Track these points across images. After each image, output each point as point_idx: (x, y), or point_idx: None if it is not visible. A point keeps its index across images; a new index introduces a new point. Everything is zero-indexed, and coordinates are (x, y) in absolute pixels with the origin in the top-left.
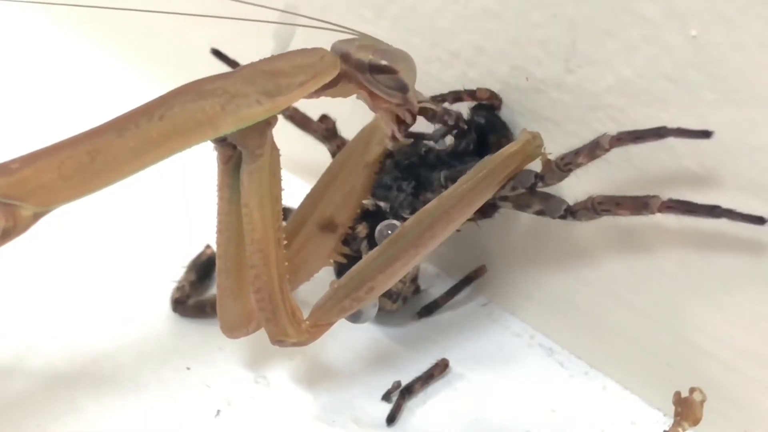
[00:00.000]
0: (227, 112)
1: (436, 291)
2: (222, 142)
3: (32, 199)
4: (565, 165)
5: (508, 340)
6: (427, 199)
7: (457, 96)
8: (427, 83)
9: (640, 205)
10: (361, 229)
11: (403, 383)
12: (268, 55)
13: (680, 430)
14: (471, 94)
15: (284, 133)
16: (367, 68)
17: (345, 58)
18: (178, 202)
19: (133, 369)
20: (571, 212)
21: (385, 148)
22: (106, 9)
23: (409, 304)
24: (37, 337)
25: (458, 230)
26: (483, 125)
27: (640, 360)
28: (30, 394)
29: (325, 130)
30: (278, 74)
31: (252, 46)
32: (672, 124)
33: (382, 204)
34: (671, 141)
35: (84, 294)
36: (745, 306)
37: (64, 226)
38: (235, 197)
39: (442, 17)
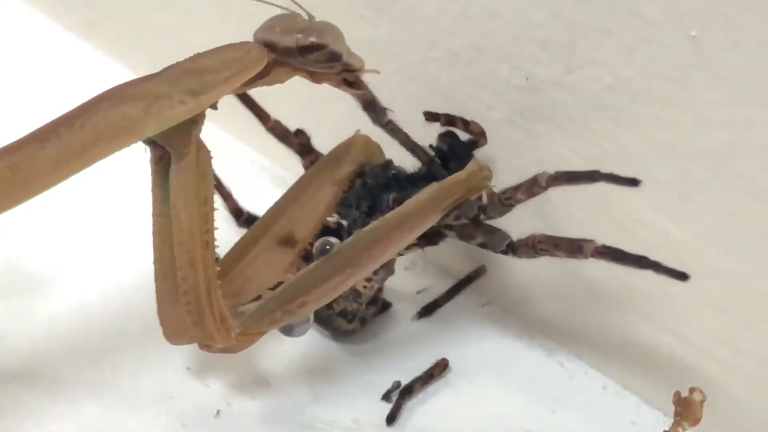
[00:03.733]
0: (150, 115)
1: (436, 291)
2: (153, 143)
3: None
4: (507, 200)
5: (508, 340)
6: (378, 219)
7: (450, 120)
8: (428, 83)
9: (574, 248)
10: None
11: (403, 383)
12: None
13: (680, 430)
14: (464, 123)
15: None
16: (296, 52)
17: (271, 47)
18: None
19: (133, 369)
20: (513, 248)
21: (357, 167)
22: (106, 10)
23: (369, 324)
24: (37, 336)
25: (400, 254)
26: (445, 152)
27: (640, 360)
28: (30, 394)
29: (299, 144)
30: (203, 72)
31: None
32: (672, 124)
33: (343, 222)
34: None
35: (84, 293)
36: (745, 306)
37: (64, 225)
38: (167, 198)
39: (442, 17)
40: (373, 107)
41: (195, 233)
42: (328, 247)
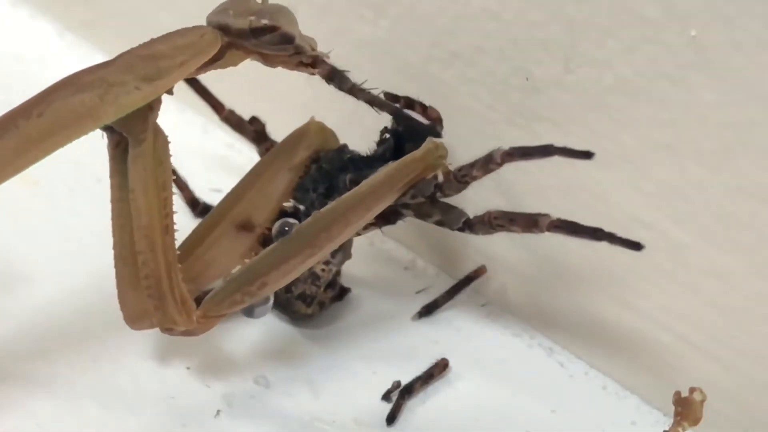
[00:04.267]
0: (106, 102)
1: (436, 291)
2: (110, 129)
3: None
4: (462, 177)
5: (508, 340)
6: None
7: (409, 103)
8: (427, 83)
9: (530, 222)
10: None
11: (403, 383)
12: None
13: (680, 430)
14: (423, 108)
15: None
16: (250, 34)
17: (225, 30)
18: (176, 201)
19: (133, 369)
20: (469, 225)
21: (312, 153)
22: (106, 10)
23: (329, 308)
24: (37, 336)
25: (358, 234)
26: (401, 133)
27: (640, 360)
28: (30, 394)
29: (253, 132)
30: (157, 58)
31: None
32: (672, 124)
33: (300, 206)
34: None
35: (83, 293)
36: (745, 306)
37: (62, 222)
38: (126, 183)
39: (442, 17)
40: (334, 77)
41: (154, 217)
42: (287, 228)
